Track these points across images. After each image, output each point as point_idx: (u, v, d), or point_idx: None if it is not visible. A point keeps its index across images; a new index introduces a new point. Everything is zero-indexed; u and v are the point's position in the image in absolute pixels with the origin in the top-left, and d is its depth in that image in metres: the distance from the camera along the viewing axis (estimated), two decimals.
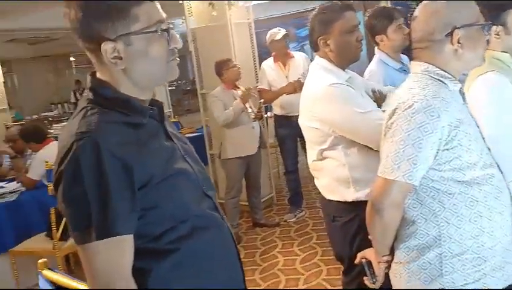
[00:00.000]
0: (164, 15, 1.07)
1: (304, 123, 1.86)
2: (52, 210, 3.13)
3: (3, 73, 8.09)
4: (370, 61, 2.58)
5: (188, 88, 13.71)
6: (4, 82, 8.02)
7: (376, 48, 2.54)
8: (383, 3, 6.51)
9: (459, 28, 1.31)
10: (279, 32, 4.14)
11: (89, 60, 1.08)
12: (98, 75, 1.09)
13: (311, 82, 1.84)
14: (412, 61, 1.44)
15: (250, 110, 3.97)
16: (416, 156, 1.24)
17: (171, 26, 1.07)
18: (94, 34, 1.01)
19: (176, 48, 1.08)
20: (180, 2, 4.56)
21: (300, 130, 1.91)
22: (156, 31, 1.03)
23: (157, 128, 1.12)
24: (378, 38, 2.48)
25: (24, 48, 10.95)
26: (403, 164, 1.26)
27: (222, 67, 3.89)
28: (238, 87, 3.96)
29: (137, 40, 1.02)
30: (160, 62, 1.06)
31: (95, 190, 0.94)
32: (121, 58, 1.03)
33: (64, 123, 7.81)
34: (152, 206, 1.02)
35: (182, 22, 5.55)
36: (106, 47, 1.01)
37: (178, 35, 1.08)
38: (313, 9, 1.84)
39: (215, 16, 4.29)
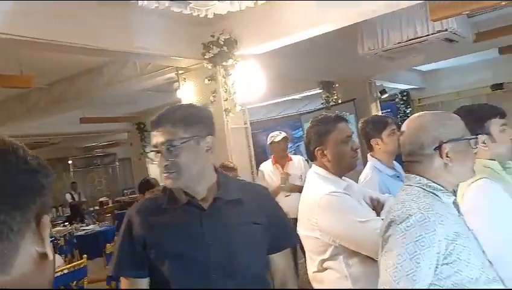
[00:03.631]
0: (156, 140, 1.41)
1: (303, 233, 1.84)
2: None
3: None
4: (363, 166, 2.62)
5: None
6: None
7: (368, 154, 2.60)
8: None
9: (445, 142, 1.34)
10: (279, 135, 4.30)
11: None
12: None
13: (310, 191, 1.86)
14: (405, 174, 1.47)
15: None
16: (415, 271, 1.21)
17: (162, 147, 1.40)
18: None
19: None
20: None
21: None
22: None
23: (192, 216, 1.39)
24: (373, 141, 2.55)
25: None
26: (402, 280, 1.22)
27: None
28: None
29: None
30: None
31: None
32: None
33: (58, 228, 7.61)
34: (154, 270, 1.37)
35: None
36: None
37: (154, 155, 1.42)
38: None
39: None
